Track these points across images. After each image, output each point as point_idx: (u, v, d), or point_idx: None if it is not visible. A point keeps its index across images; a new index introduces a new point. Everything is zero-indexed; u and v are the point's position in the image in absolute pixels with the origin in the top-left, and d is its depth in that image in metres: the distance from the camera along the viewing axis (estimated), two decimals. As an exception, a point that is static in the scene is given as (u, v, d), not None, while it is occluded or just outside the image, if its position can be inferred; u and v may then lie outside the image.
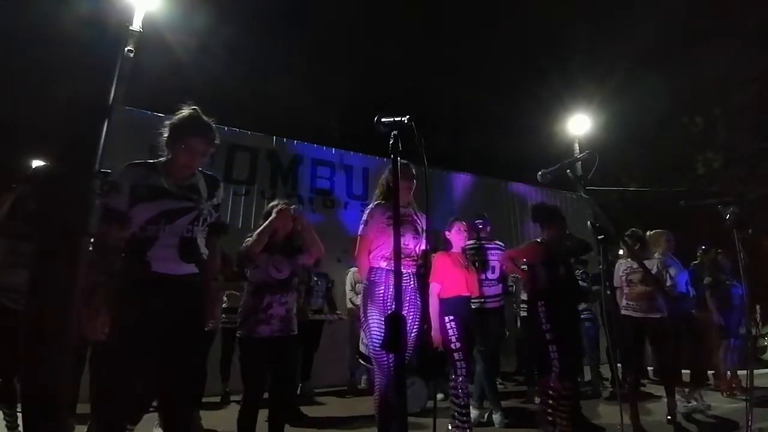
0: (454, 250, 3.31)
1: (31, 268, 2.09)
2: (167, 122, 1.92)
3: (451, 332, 3.09)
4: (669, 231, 4.21)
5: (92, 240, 1.86)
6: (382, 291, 2.39)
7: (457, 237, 3.32)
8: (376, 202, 2.59)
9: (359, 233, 2.53)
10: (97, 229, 1.82)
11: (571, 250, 3.53)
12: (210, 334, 3.47)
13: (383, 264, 2.45)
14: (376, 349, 2.31)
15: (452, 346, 3.08)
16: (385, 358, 2.31)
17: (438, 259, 3.25)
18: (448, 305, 3.14)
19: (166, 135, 1.90)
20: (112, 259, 1.78)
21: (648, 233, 4.26)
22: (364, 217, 2.54)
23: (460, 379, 3.04)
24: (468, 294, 3.20)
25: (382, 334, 2.30)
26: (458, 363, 3.05)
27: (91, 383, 3.06)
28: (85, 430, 2.99)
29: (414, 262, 2.54)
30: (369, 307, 2.40)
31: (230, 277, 3.63)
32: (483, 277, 3.73)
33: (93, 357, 3.09)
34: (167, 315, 1.74)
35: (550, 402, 2.91)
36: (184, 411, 1.85)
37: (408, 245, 2.48)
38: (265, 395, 2.52)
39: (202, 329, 1.94)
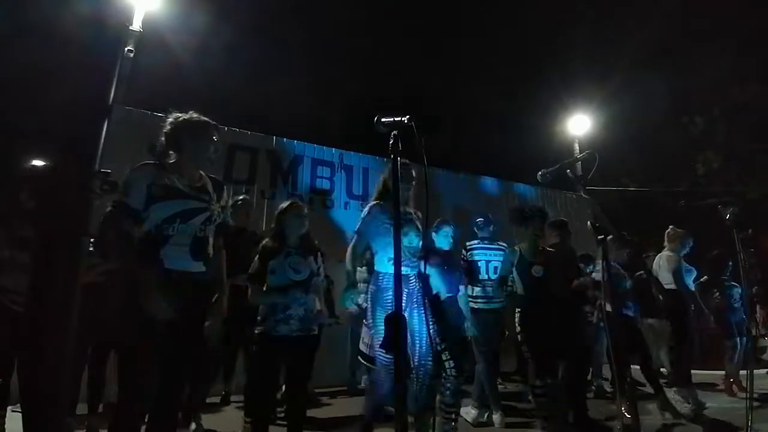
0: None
1: (31, 268, 2.09)
2: (173, 124, 1.96)
3: (434, 334, 3.13)
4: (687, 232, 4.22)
5: (94, 238, 1.89)
6: (391, 296, 2.34)
7: (443, 240, 3.36)
8: (375, 202, 2.59)
9: (357, 229, 2.54)
10: (116, 226, 1.86)
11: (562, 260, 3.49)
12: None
13: (391, 269, 2.37)
14: (388, 356, 2.26)
15: (437, 347, 3.11)
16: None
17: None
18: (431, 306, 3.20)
19: (172, 136, 1.95)
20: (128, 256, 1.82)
21: (670, 229, 4.28)
22: (363, 213, 2.55)
23: (451, 379, 3.06)
24: (450, 294, 3.22)
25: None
26: (446, 363, 3.05)
27: (89, 382, 3.07)
28: (85, 431, 2.99)
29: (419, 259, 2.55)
30: (377, 311, 2.38)
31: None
32: (485, 277, 3.74)
33: (93, 356, 3.09)
34: (179, 312, 1.77)
35: (538, 399, 3.14)
36: (175, 408, 1.87)
37: (412, 243, 2.50)
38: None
39: (202, 330, 1.94)
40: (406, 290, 2.42)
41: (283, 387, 2.91)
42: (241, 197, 3.88)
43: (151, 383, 1.74)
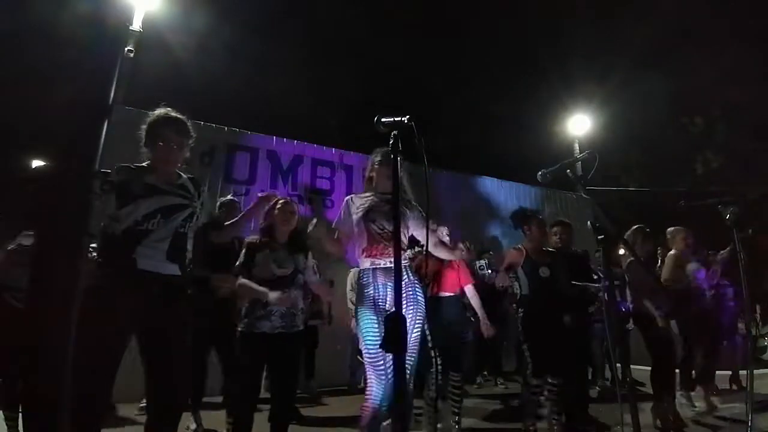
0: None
1: (31, 267, 2.09)
2: (147, 122, 2.00)
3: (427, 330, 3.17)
4: (687, 229, 4.17)
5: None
6: (371, 291, 2.19)
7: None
8: (353, 194, 2.51)
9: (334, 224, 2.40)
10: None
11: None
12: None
13: (367, 263, 2.24)
14: (371, 353, 2.09)
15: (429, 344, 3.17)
16: (383, 364, 2.07)
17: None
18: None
19: (146, 134, 1.99)
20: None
21: (669, 230, 4.23)
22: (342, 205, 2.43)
23: (438, 375, 3.18)
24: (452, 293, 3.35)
25: (377, 336, 2.08)
26: (435, 359, 3.18)
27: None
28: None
29: (403, 250, 2.36)
30: (359, 309, 2.21)
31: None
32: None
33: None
34: (148, 314, 1.76)
35: (532, 397, 3.16)
36: (170, 414, 1.84)
37: (384, 229, 2.26)
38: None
39: (182, 332, 1.91)
40: (389, 284, 2.16)
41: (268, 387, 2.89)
42: (227, 198, 3.78)
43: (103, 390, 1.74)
